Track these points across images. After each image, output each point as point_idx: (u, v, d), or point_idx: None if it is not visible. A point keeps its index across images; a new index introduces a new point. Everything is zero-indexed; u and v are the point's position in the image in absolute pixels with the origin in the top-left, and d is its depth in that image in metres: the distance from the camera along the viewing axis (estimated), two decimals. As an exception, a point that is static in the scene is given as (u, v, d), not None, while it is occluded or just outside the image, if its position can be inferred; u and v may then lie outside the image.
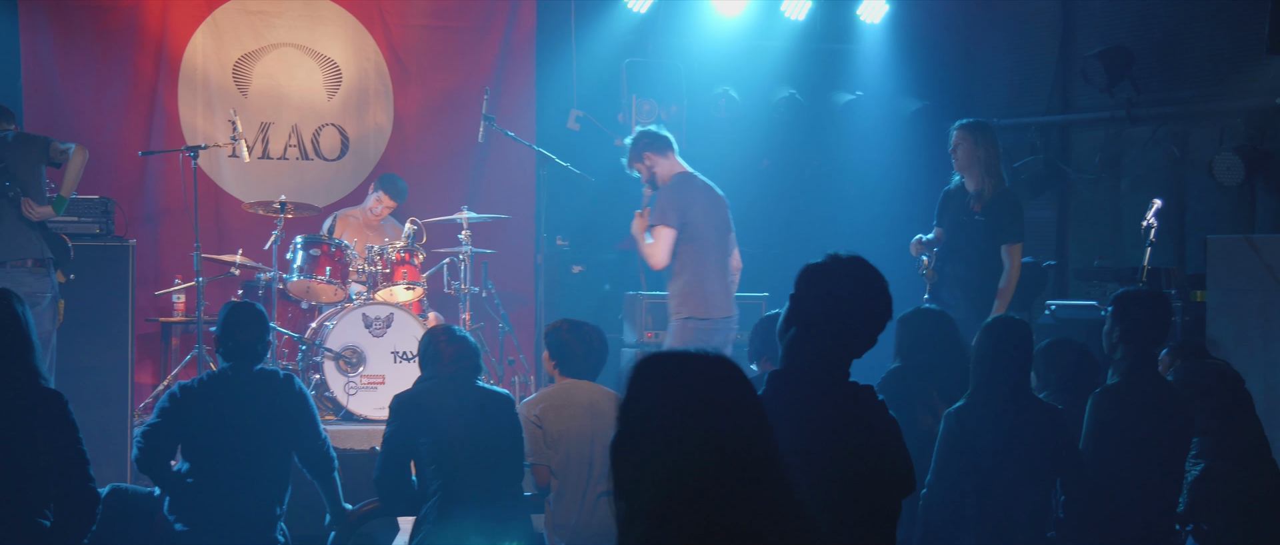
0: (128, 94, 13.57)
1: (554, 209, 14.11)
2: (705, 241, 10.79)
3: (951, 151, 10.88)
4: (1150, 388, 7.64)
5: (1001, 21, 15.72)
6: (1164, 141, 13.94)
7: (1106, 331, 7.80)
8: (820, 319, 4.87)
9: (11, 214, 10.40)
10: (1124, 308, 7.71)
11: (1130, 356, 7.64)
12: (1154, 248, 11.46)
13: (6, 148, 10.47)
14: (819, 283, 4.92)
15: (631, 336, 12.90)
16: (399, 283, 12.61)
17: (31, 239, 10.44)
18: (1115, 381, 7.63)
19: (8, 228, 10.39)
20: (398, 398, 8.34)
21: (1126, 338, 7.66)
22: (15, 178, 10.40)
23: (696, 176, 11.07)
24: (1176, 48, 13.95)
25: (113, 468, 10.59)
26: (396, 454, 8.22)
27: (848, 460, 4.77)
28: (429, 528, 8.06)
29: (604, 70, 15.15)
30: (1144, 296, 7.88)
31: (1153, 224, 11.40)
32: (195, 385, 8.32)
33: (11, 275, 10.24)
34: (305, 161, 14.30)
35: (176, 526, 8.11)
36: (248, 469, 8.11)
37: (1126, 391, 7.56)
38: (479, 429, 8.09)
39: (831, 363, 4.91)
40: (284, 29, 14.18)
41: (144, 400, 12.40)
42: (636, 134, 11.25)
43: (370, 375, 12.17)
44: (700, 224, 10.83)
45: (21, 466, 6.87)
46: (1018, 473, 7.21)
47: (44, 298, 10.37)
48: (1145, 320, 7.68)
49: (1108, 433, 7.45)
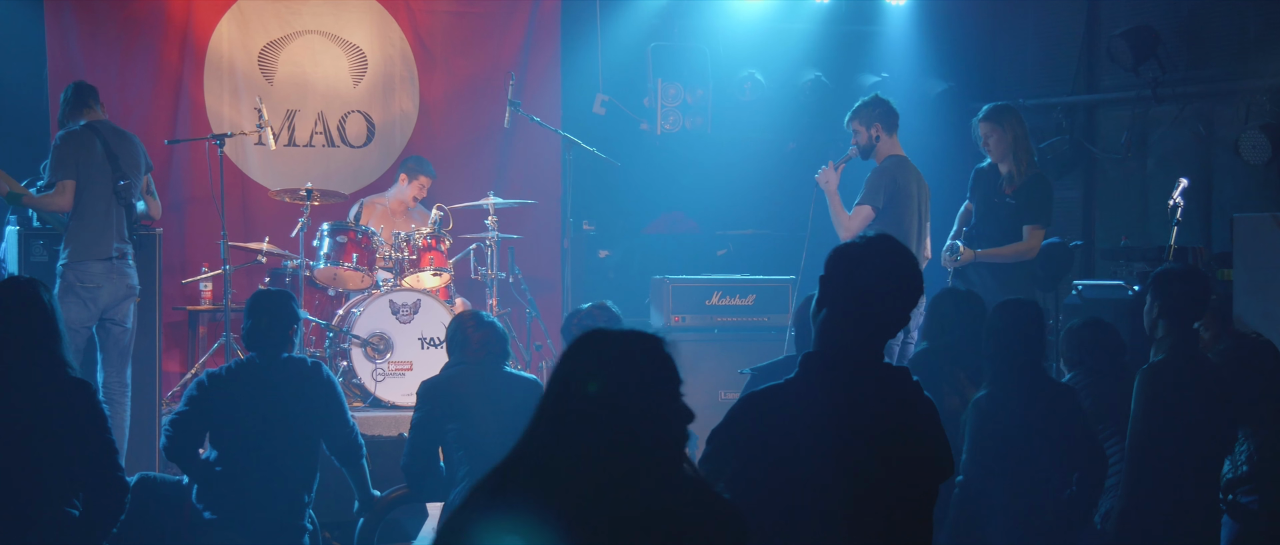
0: (153, 83, 13.59)
1: (580, 194, 14.14)
2: (904, 229, 10.72)
3: (983, 145, 10.87)
4: (1194, 363, 7.65)
5: (1026, 2, 15.67)
6: (1190, 120, 13.88)
7: (1146, 309, 7.79)
8: (852, 299, 4.86)
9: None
10: (1162, 285, 7.71)
11: (1172, 333, 7.63)
12: (1180, 227, 11.43)
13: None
14: (849, 263, 4.90)
15: (658, 320, 12.88)
16: (426, 269, 12.63)
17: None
18: (1160, 358, 7.62)
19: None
20: (425, 383, 8.38)
21: (1166, 314, 7.65)
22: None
23: (910, 162, 11.02)
24: (1202, 26, 13.88)
25: (141, 456, 10.64)
26: (424, 440, 8.26)
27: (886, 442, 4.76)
28: (455, 512, 8.09)
29: (629, 54, 15.14)
30: (1181, 273, 7.89)
31: (1179, 203, 11.38)
32: (223, 373, 8.35)
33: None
34: (331, 149, 14.31)
35: (205, 514, 8.14)
36: (275, 457, 8.13)
37: (1173, 367, 7.55)
38: (506, 414, 8.08)
39: (865, 343, 4.89)
40: (309, 16, 14.19)
41: (172, 389, 12.43)
42: (875, 99, 11.17)
43: (398, 361, 12.19)
44: (904, 210, 10.81)
45: (50, 456, 6.89)
46: (1039, 455, 7.22)
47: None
48: (1183, 296, 7.68)
49: (1158, 407, 7.44)
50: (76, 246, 10.38)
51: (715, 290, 12.87)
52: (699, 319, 12.75)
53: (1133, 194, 14.49)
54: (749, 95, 15.47)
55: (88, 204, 10.42)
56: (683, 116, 14.96)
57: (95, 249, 10.39)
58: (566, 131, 13.63)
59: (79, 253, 10.36)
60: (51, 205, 10.45)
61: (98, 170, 10.45)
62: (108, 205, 10.47)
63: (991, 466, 7.23)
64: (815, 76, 15.49)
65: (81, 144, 10.46)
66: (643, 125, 15.01)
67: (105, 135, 10.57)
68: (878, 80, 15.28)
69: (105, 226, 10.44)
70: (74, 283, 10.25)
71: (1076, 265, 13.66)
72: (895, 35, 15.88)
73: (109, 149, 10.50)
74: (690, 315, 12.74)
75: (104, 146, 10.49)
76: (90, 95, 10.80)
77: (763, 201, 15.95)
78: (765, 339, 12.49)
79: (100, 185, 10.45)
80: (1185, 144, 13.96)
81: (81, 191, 10.39)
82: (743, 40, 15.55)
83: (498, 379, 8.37)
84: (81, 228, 10.41)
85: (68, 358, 7.14)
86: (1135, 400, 7.53)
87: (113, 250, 10.44)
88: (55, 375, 7.00)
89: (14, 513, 6.82)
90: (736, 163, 15.67)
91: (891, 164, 10.94)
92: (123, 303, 10.52)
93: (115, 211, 10.50)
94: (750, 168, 15.74)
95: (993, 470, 7.22)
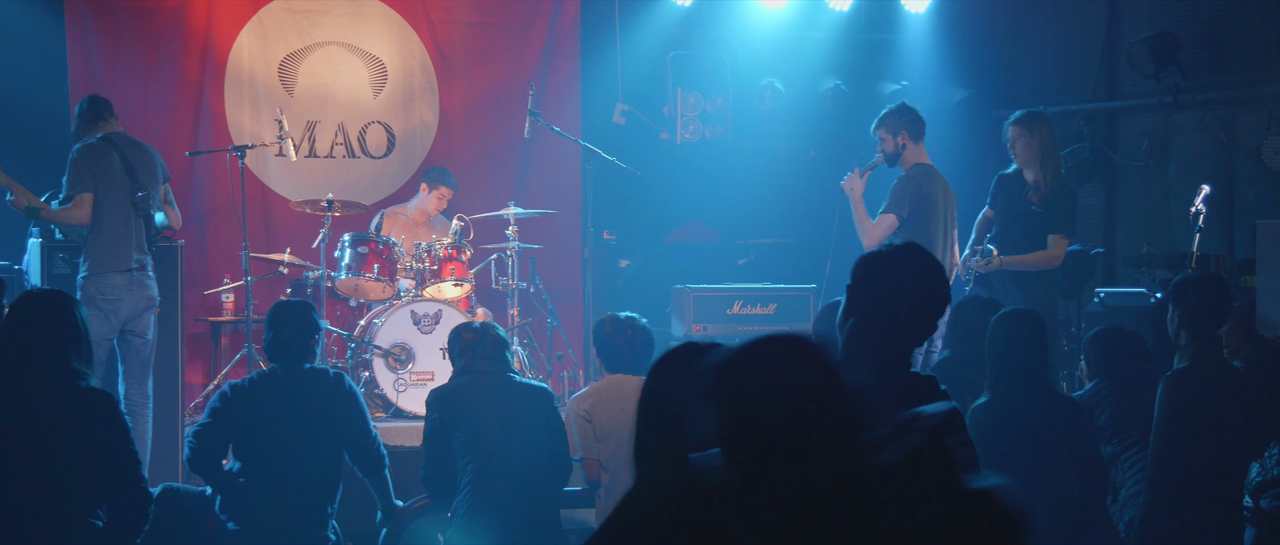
0: (174, 94, 13.63)
1: (600, 203, 14.15)
2: (929, 238, 10.66)
3: (1010, 147, 10.86)
4: (1218, 371, 7.64)
5: (1046, 8, 15.67)
6: (1211, 127, 13.87)
7: (1169, 319, 7.78)
8: (879, 307, 4.85)
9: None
10: (1182, 294, 7.71)
11: (1195, 341, 7.63)
12: (1203, 234, 11.42)
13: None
14: (876, 271, 4.90)
15: (679, 330, 12.89)
16: (447, 279, 12.62)
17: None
18: (1183, 366, 7.61)
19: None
20: (434, 392, 8.44)
21: (1187, 323, 7.64)
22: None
23: (936, 171, 11.00)
24: (1223, 33, 13.87)
25: (165, 467, 10.64)
26: (438, 449, 8.30)
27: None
28: (459, 520, 8.11)
29: (648, 64, 15.16)
30: (1201, 281, 7.87)
31: (1201, 210, 11.36)
32: (246, 385, 8.35)
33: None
34: (352, 159, 14.33)
35: (228, 525, 8.14)
36: (298, 467, 8.13)
37: (1196, 375, 7.54)
38: (511, 422, 8.19)
39: (893, 351, 4.88)
40: (329, 27, 14.21)
41: (195, 400, 12.46)
42: (901, 107, 11.11)
43: (419, 372, 12.19)
44: (929, 218, 10.75)
45: (73, 467, 6.90)
46: (1039, 464, 7.18)
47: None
48: (1203, 304, 7.67)
49: (1181, 415, 7.43)
50: (96, 259, 10.39)
51: (736, 299, 12.88)
52: (720, 328, 12.75)
53: (1154, 201, 14.48)
54: (768, 104, 15.47)
55: (106, 216, 10.43)
56: (702, 125, 14.97)
57: (115, 261, 10.40)
58: (586, 141, 13.64)
59: (98, 265, 10.38)
60: (70, 219, 10.46)
61: (115, 182, 10.47)
62: (126, 217, 10.48)
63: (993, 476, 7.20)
64: (835, 84, 15.49)
65: (98, 156, 10.48)
66: (662, 134, 15.01)
67: (122, 147, 10.59)
68: (897, 88, 15.27)
69: (124, 238, 10.46)
70: (94, 295, 10.27)
71: (1098, 273, 13.66)
72: (915, 43, 15.88)
73: (126, 160, 10.52)
74: (711, 324, 12.75)
75: (121, 158, 10.51)
76: (105, 108, 10.81)
77: (783, 210, 15.95)
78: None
79: (118, 197, 10.47)
80: (1207, 150, 13.95)
81: (99, 204, 10.41)
82: (762, 49, 15.56)
83: (505, 387, 8.39)
84: (100, 240, 10.42)
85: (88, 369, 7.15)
86: (1158, 408, 7.52)
87: (132, 261, 10.46)
88: (77, 386, 7.01)
89: (38, 524, 6.82)
90: (756, 171, 15.66)
91: (918, 172, 10.90)
92: (143, 314, 10.54)
93: (134, 223, 10.51)
94: (770, 176, 15.74)
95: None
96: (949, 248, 10.94)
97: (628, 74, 15.05)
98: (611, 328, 8.75)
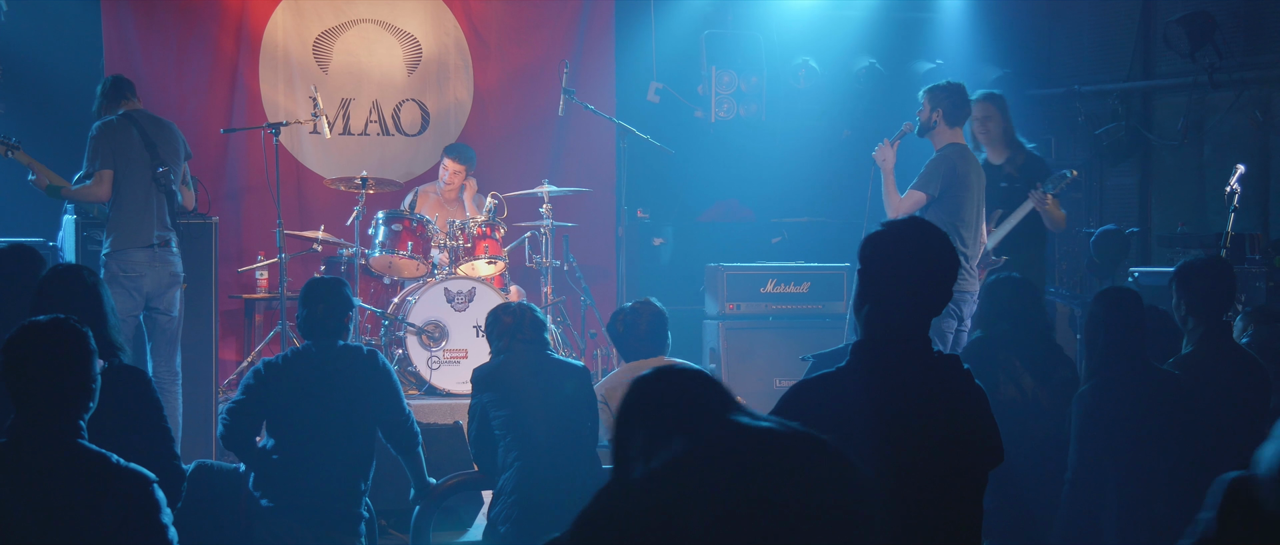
0: (209, 72, 13.68)
1: (634, 181, 14.15)
2: (961, 218, 10.63)
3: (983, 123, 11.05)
4: (1224, 354, 7.61)
5: (1082, -13, 15.63)
6: (1247, 106, 13.80)
7: (1174, 305, 7.76)
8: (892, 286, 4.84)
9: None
10: (1184, 279, 7.70)
11: (1201, 325, 7.61)
12: (1237, 213, 11.39)
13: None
14: (882, 250, 4.88)
15: (713, 308, 12.88)
16: (480, 257, 12.64)
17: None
18: (1188, 350, 7.59)
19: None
20: (477, 370, 8.47)
21: (1192, 309, 7.63)
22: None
23: (970, 151, 10.99)
24: (1260, 11, 13.80)
25: (198, 444, 10.68)
26: (484, 425, 8.33)
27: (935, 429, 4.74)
28: (506, 498, 8.14)
29: (683, 42, 15.15)
30: (1202, 265, 7.86)
31: (1236, 189, 11.34)
32: (279, 362, 8.36)
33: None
34: (386, 137, 14.35)
35: (262, 502, 8.16)
36: (332, 445, 8.14)
37: (1200, 359, 7.52)
38: (553, 401, 8.25)
39: (910, 328, 4.87)
40: (364, 5, 14.24)
41: (228, 377, 12.50)
42: (951, 86, 11.06)
43: (453, 349, 12.22)
44: (961, 199, 10.69)
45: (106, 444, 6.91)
46: (1151, 447, 7.12)
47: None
48: (1206, 289, 7.66)
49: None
50: (118, 235, 10.43)
51: (770, 278, 12.88)
52: (754, 307, 12.77)
53: (1189, 180, 14.42)
54: (803, 82, 15.45)
55: (127, 193, 10.46)
56: (737, 104, 14.96)
57: (136, 237, 10.42)
58: (621, 119, 13.64)
59: (120, 241, 10.41)
60: (90, 196, 10.49)
61: (136, 158, 10.50)
62: (147, 193, 10.51)
63: (1101, 461, 7.15)
64: (869, 63, 15.46)
65: (117, 133, 10.51)
66: (697, 113, 15.01)
67: (142, 123, 10.61)
68: (932, 67, 15.24)
69: (145, 214, 10.48)
70: (117, 272, 10.29)
71: (1133, 251, 13.62)
72: (949, 21, 15.84)
73: (146, 136, 10.54)
74: (745, 303, 12.75)
75: (141, 134, 10.53)
76: (127, 87, 10.85)
77: (817, 189, 15.92)
78: (820, 326, 12.50)
79: (139, 173, 10.49)
80: (1242, 130, 13.89)
81: (120, 180, 10.44)
82: (796, 27, 15.53)
83: (544, 366, 8.42)
84: (121, 216, 10.45)
85: (119, 341, 7.16)
86: None
87: (154, 237, 10.48)
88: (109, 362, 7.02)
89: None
90: (791, 150, 15.64)
91: (952, 152, 10.84)
92: (167, 291, 10.55)
93: (155, 199, 10.53)
94: (804, 155, 15.71)
95: (1103, 465, 7.14)
96: (979, 227, 10.93)
97: (662, 52, 15.06)
98: (621, 323, 8.86)
